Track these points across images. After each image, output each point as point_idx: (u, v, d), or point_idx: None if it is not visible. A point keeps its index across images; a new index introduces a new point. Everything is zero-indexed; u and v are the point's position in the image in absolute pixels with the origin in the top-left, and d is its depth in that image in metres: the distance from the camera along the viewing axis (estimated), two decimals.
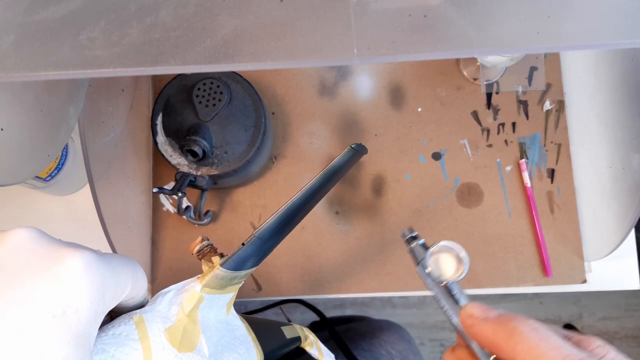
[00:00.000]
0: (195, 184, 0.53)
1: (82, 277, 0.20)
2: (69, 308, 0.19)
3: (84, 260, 0.20)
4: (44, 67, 0.23)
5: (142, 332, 0.26)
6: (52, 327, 0.18)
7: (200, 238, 0.32)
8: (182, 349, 0.27)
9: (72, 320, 0.19)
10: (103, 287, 0.21)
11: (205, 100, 0.52)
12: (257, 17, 0.24)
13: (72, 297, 0.19)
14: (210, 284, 0.30)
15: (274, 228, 0.32)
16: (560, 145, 0.61)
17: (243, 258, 0.31)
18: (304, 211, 0.34)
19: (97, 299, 0.20)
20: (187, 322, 0.28)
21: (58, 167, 0.55)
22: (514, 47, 0.24)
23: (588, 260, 0.59)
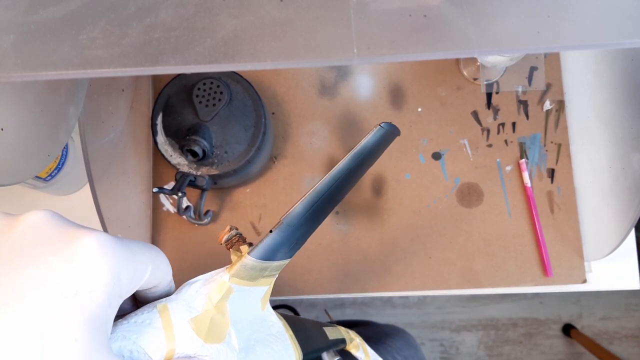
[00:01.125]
0: (195, 184, 0.53)
1: (96, 257, 0.19)
2: (82, 288, 0.19)
3: (98, 240, 0.20)
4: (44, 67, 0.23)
5: (165, 320, 0.25)
6: (64, 308, 0.18)
7: (228, 227, 0.31)
8: (208, 339, 0.26)
9: (85, 301, 0.18)
10: (118, 268, 0.20)
11: (205, 100, 0.52)
12: (257, 17, 0.24)
13: (85, 278, 0.19)
14: (239, 274, 0.29)
15: (302, 214, 0.31)
16: (560, 145, 0.61)
17: (271, 246, 0.30)
18: (335, 197, 0.32)
19: (111, 280, 0.20)
20: (214, 312, 0.27)
21: (58, 167, 0.55)
22: (514, 47, 0.24)
23: (588, 260, 0.59)
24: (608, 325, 1.48)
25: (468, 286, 0.59)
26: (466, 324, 1.48)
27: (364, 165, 0.34)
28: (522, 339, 1.48)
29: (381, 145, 0.35)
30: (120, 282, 0.20)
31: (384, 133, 0.35)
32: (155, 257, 0.24)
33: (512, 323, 1.48)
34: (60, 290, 0.18)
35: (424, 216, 0.60)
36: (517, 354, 1.47)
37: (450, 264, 0.59)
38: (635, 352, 1.47)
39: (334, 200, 0.32)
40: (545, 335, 1.47)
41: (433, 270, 0.59)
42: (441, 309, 1.48)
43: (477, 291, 0.59)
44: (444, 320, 1.48)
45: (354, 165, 0.33)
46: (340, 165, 0.32)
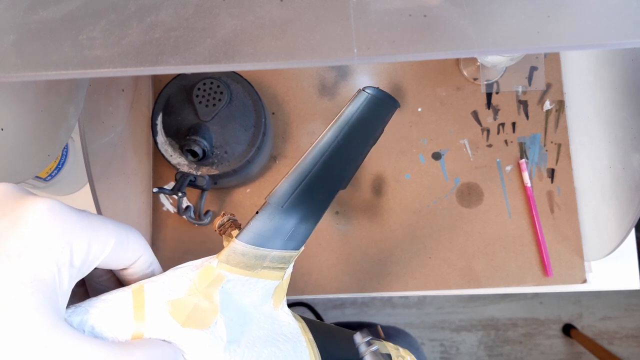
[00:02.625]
0: (195, 184, 0.53)
1: (42, 221, 0.19)
2: (26, 249, 0.18)
3: (48, 205, 0.20)
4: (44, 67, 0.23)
5: (138, 300, 0.24)
6: (6, 268, 0.18)
7: (222, 213, 0.30)
8: (187, 324, 0.24)
9: (29, 263, 0.18)
10: (69, 235, 0.20)
11: (205, 100, 0.52)
12: (257, 17, 0.24)
13: (29, 240, 0.19)
14: (230, 260, 0.27)
15: (289, 192, 0.28)
16: (560, 145, 0.61)
17: (259, 229, 0.27)
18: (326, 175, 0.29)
19: (59, 246, 0.19)
20: (200, 298, 0.25)
21: (58, 167, 0.55)
22: (514, 47, 0.24)
23: (588, 260, 0.59)
24: (608, 325, 1.48)
25: (468, 286, 0.59)
26: (466, 324, 1.48)
27: (355, 139, 0.30)
28: (522, 339, 1.48)
29: (373, 115, 0.31)
30: (71, 250, 0.20)
31: (371, 100, 0.31)
32: (123, 232, 0.23)
33: (512, 323, 1.48)
34: (4, 250, 0.18)
35: (424, 216, 0.60)
36: (517, 354, 1.47)
37: (450, 264, 0.59)
38: (635, 352, 1.47)
39: (326, 179, 0.29)
40: (545, 335, 1.47)
41: (433, 270, 0.59)
42: (441, 309, 1.48)
43: (477, 291, 0.59)
44: (444, 320, 1.48)
45: (340, 137, 0.29)
46: (322, 138, 0.29)
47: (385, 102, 0.31)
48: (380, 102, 0.31)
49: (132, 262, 0.25)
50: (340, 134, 0.29)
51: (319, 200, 0.29)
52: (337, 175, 0.30)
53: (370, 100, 0.31)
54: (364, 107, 0.31)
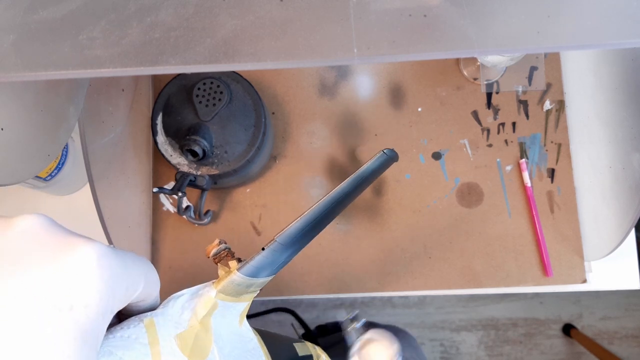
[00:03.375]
0: (195, 183, 0.53)
1: (94, 269, 0.18)
2: (77, 302, 0.17)
3: (96, 252, 0.19)
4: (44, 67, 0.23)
5: (152, 336, 0.24)
6: (57, 322, 0.17)
7: (217, 241, 0.31)
8: (192, 357, 0.25)
9: (80, 316, 0.17)
10: (114, 282, 0.19)
11: (205, 100, 0.52)
12: (257, 17, 0.24)
13: (81, 291, 0.18)
14: (226, 290, 0.28)
15: (297, 235, 0.30)
16: (560, 145, 0.61)
17: (262, 264, 0.29)
18: (328, 218, 0.32)
19: (107, 294, 0.19)
20: (199, 329, 0.26)
21: (58, 167, 0.55)
22: (514, 47, 0.24)
23: (588, 260, 0.59)
24: (608, 325, 1.48)
25: (468, 286, 0.59)
26: (466, 324, 1.48)
27: (361, 188, 0.34)
28: (522, 339, 1.48)
29: (380, 170, 0.35)
30: (114, 297, 0.19)
31: (385, 159, 0.35)
32: (148, 271, 0.23)
33: (512, 323, 1.48)
34: (54, 303, 0.17)
35: (424, 216, 0.60)
36: (517, 354, 1.47)
37: (450, 264, 0.59)
38: (635, 352, 1.47)
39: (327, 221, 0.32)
40: (545, 335, 1.47)
41: (433, 270, 0.59)
42: (441, 309, 1.48)
43: (477, 291, 0.59)
44: (444, 320, 1.48)
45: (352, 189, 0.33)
46: (339, 188, 0.32)
47: (393, 159, 0.36)
48: (390, 159, 0.35)
49: (148, 296, 0.25)
50: (354, 185, 0.33)
51: (313, 238, 0.32)
52: (336, 214, 0.33)
53: (384, 160, 0.35)
54: (378, 164, 0.35)
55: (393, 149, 0.36)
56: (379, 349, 0.31)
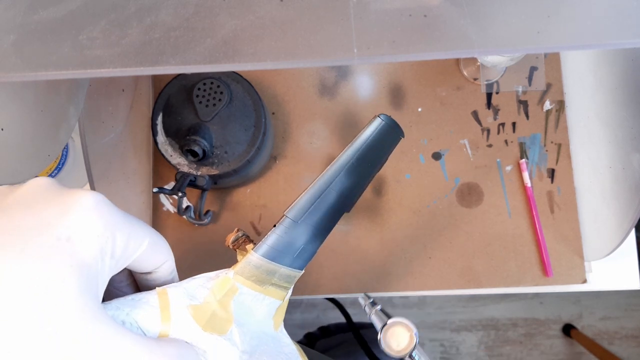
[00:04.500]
0: (195, 184, 0.53)
1: (91, 209, 0.20)
2: (75, 235, 0.19)
3: (96, 197, 0.21)
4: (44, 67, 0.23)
5: (163, 301, 0.25)
6: (55, 249, 0.19)
7: (236, 229, 0.31)
8: (207, 328, 0.25)
9: (76, 248, 0.19)
10: (113, 227, 0.21)
11: (206, 100, 0.52)
12: (257, 17, 0.24)
13: (79, 226, 0.20)
14: (245, 273, 0.28)
15: (306, 207, 0.30)
16: (560, 145, 0.61)
17: (275, 243, 0.29)
18: (339, 195, 0.31)
19: (104, 234, 0.20)
20: (217, 306, 0.26)
21: (58, 167, 0.55)
22: (514, 47, 0.24)
23: (588, 260, 0.59)
24: (608, 325, 1.48)
25: (468, 286, 0.59)
26: (466, 324, 1.48)
27: (366, 162, 0.32)
28: (522, 339, 1.48)
29: (382, 142, 0.34)
30: (114, 241, 0.21)
31: (384, 127, 0.33)
32: (154, 235, 0.25)
33: (512, 323, 1.48)
34: (54, 234, 0.19)
35: (424, 216, 0.60)
36: (517, 354, 1.47)
37: (450, 264, 0.59)
38: (635, 352, 1.47)
39: (337, 198, 0.31)
40: (545, 335, 1.47)
41: (433, 270, 0.59)
42: (441, 309, 1.48)
43: (477, 291, 0.59)
44: (444, 320, 1.48)
45: (355, 159, 0.32)
46: (340, 157, 0.32)
47: (394, 130, 0.34)
48: (390, 129, 0.34)
49: (158, 265, 0.26)
50: (355, 155, 0.32)
51: (328, 220, 0.31)
52: (346, 196, 0.32)
53: (382, 127, 0.33)
54: (377, 133, 0.33)
55: (391, 117, 0.34)
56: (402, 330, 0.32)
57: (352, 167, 0.32)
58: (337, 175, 0.31)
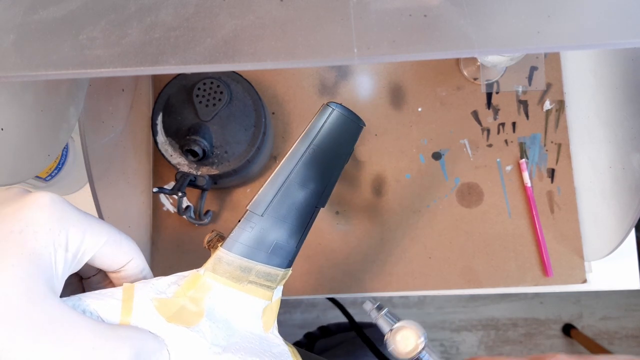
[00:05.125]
0: (195, 183, 0.53)
1: (44, 206, 0.23)
2: (27, 227, 0.22)
3: (50, 196, 0.23)
4: (44, 67, 0.23)
5: (127, 294, 0.26)
6: (7, 240, 0.21)
7: (211, 230, 0.31)
8: (172, 320, 0.26)
9: (28, 238, 0.21)
10: (66, 221, 0.23)
11: (206, 100, 0.52)
12: (257, 17, 0.24)
13: (30, 220, 0.22)
14: (217, 270, 0.28)
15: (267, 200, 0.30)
16: (560, 145, 0.61)
17: (240, 237, 0.29)
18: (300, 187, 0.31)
19: (56, 228, 0.22)
20: (187, 301, 0.27)
21: (58, 167, 0.55)
22: (514, 47, 0.24)
23: (588, 260, 0.59)
24: (608, 325, 1.48)
25: (468, 286, 0.59)
26: (466, 324, 1.48)
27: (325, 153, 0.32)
28: (522, 339, 1.48)
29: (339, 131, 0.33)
30: (67, 235, 0.23)
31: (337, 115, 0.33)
32: (116, 233, 0.26)
33: (512, 323, 1.48)
34: (9, 228, 0.21)
35: (424, 216, 0.60)
36: (517, 354, 1.47)
37: (450, 264, 0.59)
38: (635, 352, 1.47)
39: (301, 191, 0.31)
40: (546, 335, 1.47)
41: (433, 270, 0.59)
42: (441, 309, 1.48)
43: (477, 291, 0.59)
44: (444, 320, 1.48)
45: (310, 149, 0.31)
46: (293, 149, 0.31)
47: (350, 119, 0.34)
48: (345, 118, 0.33)
49: (124, 263, 0.27)
50: (310, 146, 0.31)
51: (299, 214, 0.31)
52: (314, 190, 0.32)
53: (335, 116, 0.33)
54: (330, 122, 0.33)
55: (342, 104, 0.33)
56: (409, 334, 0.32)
57: (311, 158, 0.31)
58: (294, 166, 0.31)
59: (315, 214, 0.32)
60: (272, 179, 0.30)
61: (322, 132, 0.32)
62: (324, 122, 0.32)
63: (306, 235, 0.31)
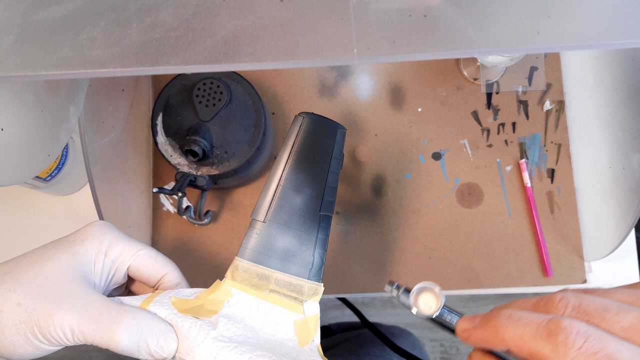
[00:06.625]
0: (195, 184, 0.53)
1: (94, 226, 0.32)
2: (79, 237, 0.31)
3: (101, 221, 0.33)
4: (44, 67, 0.23)
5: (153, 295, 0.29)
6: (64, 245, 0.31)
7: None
8: (183, 312, 0.28)
9: (78, 244, 0.31)
10: (108, 236, 0.31)
11: (206, 100, 0.52)
12: (257, 17, 0.24)
13: (83, 234, 0.31)
14: (236, 277, 0.30)
15: (265, 207, 0.32)
16: (560, 145, 0.61)
17: (250, 244, 0.31)
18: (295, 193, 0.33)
19: (99, 239, 0.31)
20: (206, 303, 0.29)
21: (58, 167, 0.55)
22: (514, 47, 0.24)
23: (588, 260, 0.59)
24: None
25: (468, 286, 0.59)
26: None
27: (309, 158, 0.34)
28: None
29: (316, 137, 0.35)
30: (108, 245, 0.31)
31: (309, 123, 0.35)
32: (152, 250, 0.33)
33: None
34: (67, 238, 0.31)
35: (424, 216, 0.60)
36: None
37: (450, 264, 0.59)
38: None
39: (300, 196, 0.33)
40: None
41: (433, 271, 0.59)
42: None
43: (477, 291, 0.59)
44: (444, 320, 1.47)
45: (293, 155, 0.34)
46: (277, 157, 0.35)
47: (323, 125, 0.36)
48: (318, 124, 0.36)
49: (160, 276, 0.33)
50: (291, 153, 0.34)
51: (302, 220, 0.33)
52: (309, 194, 0.34)
53: (307, 124, 0.35)
54: (304, 130, 0.35)
55: (313, 112, 0.36)
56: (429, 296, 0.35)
57: (295, 164, 0.34)
58: (282, 172, 0.34)
59: (325, 222, 0.33)
60: (266, 187, 0.33)
61: (299, 139, 0.35)
62: (298, 130, 0.35)
63: (325, 246, 0.33)
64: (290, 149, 0.34)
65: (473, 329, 0.28)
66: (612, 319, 0.23)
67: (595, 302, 0.24)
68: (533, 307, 0.26)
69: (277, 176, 0.34)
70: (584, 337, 0.22)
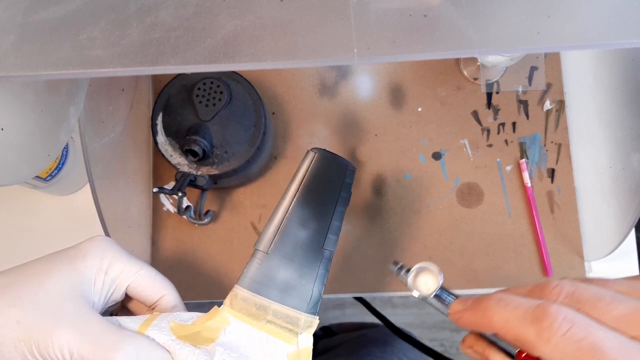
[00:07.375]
0: (195, 183, 0.53)
1: (96, 242, 0.32)
2: (80, 253, 0.31)
3: (103, 237, 0.32)
4: (44, 67, 0.23)
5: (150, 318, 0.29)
6: (64, 259, 0.30)
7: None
8: (181, 339, 0.28)
9: (79, 260, 0.30)
10: (109, 253, 0.31)
11: (206, 100, 0.52)
12: (257, 17, 0.24)
13: (84, 249, 0.31)
14: (234, 305, 0.30)
15: (269, 238, 0.32)
16: (560, 145, 0.61)
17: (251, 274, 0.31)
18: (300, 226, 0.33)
19: (100, 256, 0.31)
20: (204, 329, 0.29)
21: (58, 167, 0.55)
22: (514, 47, 0.24)
23: (588, 260, 0.59)
24: None
25: (468, 286, 0.59)
26: None
27: (316, 192, 0.35)
28: None
29: (326, 173, 0.35)
30: (109, 263, 0.31)
31: (320, 159, 0.35)
32: (152, 269, 0.33)
33: None
34: (67, 252, 0.31)
35: (424, 216, 0.60)
36: None
37: (450, 264, 0.59)
38: None
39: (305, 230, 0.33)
40: None
41: None
42: None
43: (477, 291, 0.59)
44: (444, 320, 1.48)
45: (302, 189, 0.34)
46: (285, 190, 0.35)
47: (334, 162, 0.36)
48: (329, 161, 0.36)
49: (158, 297, 0.32)
50: (300, 187, 0.35)
51: (305, 254, 0.33)
52: (314, 229, 0.34)
53: (318, 159, 0.36)
54: (315, 165, 0.36)
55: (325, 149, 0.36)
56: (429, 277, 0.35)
57: (303, 197, 0.34)
58: (289, 205, 0.34)
59: (326, 257, 0.34)
60: (271, 218, 0.33)
61: (309, 174, 0.35)
62: (309, 165, 0.35)
63: (324, 280, 0.33)
64: (300, 182, 0.35)
65: (464, 311, 0.28)
66: (604, 308, 0.22)
67: (590, 290, 0.23)
68: (528, 292, 0.26)
69: (284, 208, 0.34)
70: (570, 324, 0.21)
